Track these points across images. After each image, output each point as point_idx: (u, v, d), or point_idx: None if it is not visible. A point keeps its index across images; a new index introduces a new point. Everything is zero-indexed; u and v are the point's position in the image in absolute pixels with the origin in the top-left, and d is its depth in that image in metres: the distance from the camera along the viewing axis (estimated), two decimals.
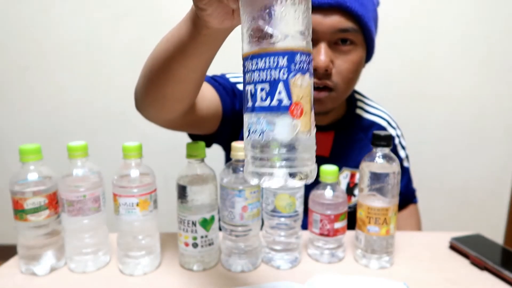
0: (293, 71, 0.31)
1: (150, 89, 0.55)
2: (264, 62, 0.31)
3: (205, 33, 0.43)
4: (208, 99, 0.67)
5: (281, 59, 0.30)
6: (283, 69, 0.30)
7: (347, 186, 0.79)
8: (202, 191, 0.54)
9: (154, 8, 1.46)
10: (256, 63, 0.31)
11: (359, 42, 0.68)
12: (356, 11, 0.64)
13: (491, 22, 1.48)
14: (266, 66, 0.31)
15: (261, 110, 0.31)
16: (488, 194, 1.66)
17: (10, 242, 1.62)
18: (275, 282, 0.53)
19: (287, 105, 0.31)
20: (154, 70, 0.52)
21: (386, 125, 0.83)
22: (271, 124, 0.31)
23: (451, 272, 0.57)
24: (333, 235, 0.58)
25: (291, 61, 0.30)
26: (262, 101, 0.31)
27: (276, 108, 0.31)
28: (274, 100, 0.31)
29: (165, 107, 0.57)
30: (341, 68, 0.67)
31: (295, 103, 0.31)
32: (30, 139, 1.58)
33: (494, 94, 1.55)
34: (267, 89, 0.31)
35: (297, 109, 0.31)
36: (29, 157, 0.52)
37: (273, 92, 0.31)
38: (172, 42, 0.48)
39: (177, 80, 0.51)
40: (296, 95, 0.31)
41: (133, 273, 0.55)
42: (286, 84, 0.30)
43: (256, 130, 0.32)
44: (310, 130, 0.32)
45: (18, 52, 1.52)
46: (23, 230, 0.53)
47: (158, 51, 0.51)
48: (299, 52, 0.31)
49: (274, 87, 0.31)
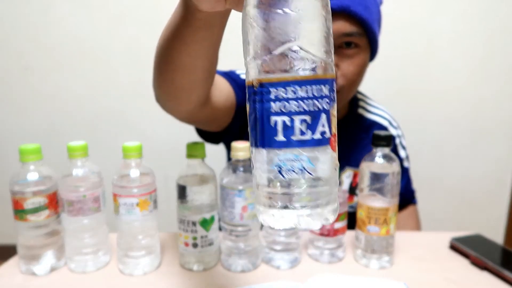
0: (333, 100, 0.28)
1: (160, 81, 0.54)
2: (307, 91, 0.27)
3: (199, 17, 0.41)
4: (224, 93, 0.67)
5: (323, 88, 0.27)
6: (326, 99, 0.28)
7: (350, 185, 0.79)
8: (202, 191, 0.54)
9: (154, 8, 1.46)
10: (294, 91, 0.27)
11: (363, 45, 0.68)
12: (361, 15, 0.64)
13: (491, 21, 1.48)
14: (308, 95, 0.27)
15: (300, 144, 0.28)
16: (488, 194, 1.66)
17: (10, 242, 1.62)
18: (275, 282, 0.53)
19: (329, 138, 0.28)
20: (160, 61, 0.52)
21: (388, 124, 0.83)
22: (314, 160, 0.28)
23: (451, 272, 0.57)
24: (333, 235, 0.58)
25: (331, 90, 0.28)
26: (301, 135, 0.28)
27: (319, 142, 0.28)
28: (317, 134, 0.28)
29: (179, 98, 0.56)
30: (346, 71, 0.67)
31: (333, 135, 0.28)
32: (30, 139, 1.58)
33: (494, 94, 1.55)
34: (308, 121, 0.27)
35: (335, 141, 0.29)
36: (29, 157, 0.52)
37: (316, 124, 0.28)
38: (170, 29, 0.47)
39: (183, 69, 0.50)
40: (334, 126, 0.28)
41: (133, 273, 0.55)
42: (328, 115, 0.28)
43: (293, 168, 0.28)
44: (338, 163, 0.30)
45: (18, 52, 1.52)
46: (23, 230, 0.53)
47: (160, 42, 0.50)
48: (333, 80, 0.28)
49: (317, 118, 0.27)
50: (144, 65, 1.50)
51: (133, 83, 1.53)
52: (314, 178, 0.28)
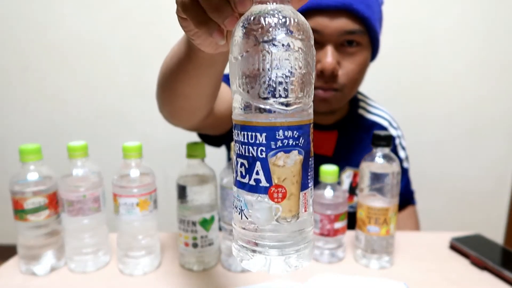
0: (274, 149, 0.26)
1: (163, 103, 0.56)
2: (244, 135, 0.27)
3: (202, 56, 0.42)
4: (227, 100, 0.67)
5: (258, 136, 0.26)
6: (261, 147, 0.26)
7: (350, 185, 0.79)
8: (202, 191, 0.54)
9: (154, 8, 1.46)
10: (237, 134, 0.28)
11: (365, 43, 0.68)
12: (363, 13, 0.64)
13: (491, 21, 1.48)
14: (244, 141, 0.27)
15: (241, 186, 0.28)
16: (488, 194, 1.66)
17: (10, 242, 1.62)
18: (275, 282, 0.53)
19: (266, 187, 0.27)
20: (163, 86, 0.53)
21: (388, 125, 0.83)
22: (249, 205, 0.27)
23: (451, 272, 0.57)
24: (333, 235, 0.58)
25: (270, 139, 0.26)
26: (241, 177, 0.28)
27: (253, 189, 0.27)
28: (252, 180, 0.27)
29: (182, 118, 0.58)
30: (347, 70, 0.68)
31: (275, 186, 0.26)
32: (30, 139, 1.57)
33: (494, 93, 1.55)
34: (246, 166, 0.27)
35: (278, 192, 0.27)
36: (29, 157, 0.52)
37: (251, 170, 0.27)
38: (173, 61, 0.47)
39: (185, 97, 0.51)
40: (277, 177, 0.26)
41: (133, 273, 0.55)
42: (264, 164, 0.26)
43: (236, 206, 0.29)
44: (296, 214, 0.27)
45: (18, 52, 1.52)
46: (23, 230, 0.53)
47: (164, 68, 0.51)
48: (281, 128, 0.26)
49: (252, 165, 0.27)
50: (144, 65, 1.50)
51: (133, 83, 1.53)
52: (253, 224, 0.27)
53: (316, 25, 0.64)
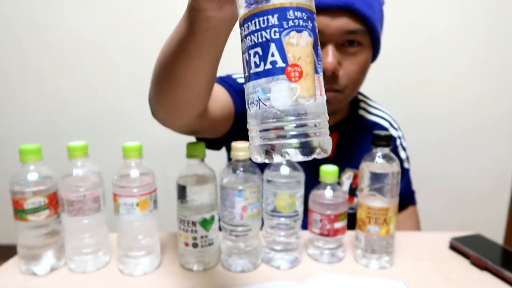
0: (286, 28, 0.27)
1: (160, 96, 0.53)
2: (255, 23, 0.28)
3: (205, 27, 0.41)
4: (221, 102, 0.67)
5: (270, 18, 0.27)
6: (274, 28, 0.27)
7: (350, 187, 0.79)
8: (202, 191, 0.54)
9: (154, 8, 1.46)
10: (248, 26, 0.28)
11: (366, 43, 0.68)
12: (364, 13, 0.63)
13: (491, 21, 1.48)
14: (256, 28, 0.28)
15: (256, 76, 0.28)
16: (488, 194, 1.66)
17: (10, 242, 1.62)
18: (275, 282, 0.53)
19: (282, 67, 0.27)
20: (160, 77, 0.51)
21: (388, 126, 0.83)
22: (267, 90, 0.28)
23: (451, 272, 0.57)
24: (333, 235, 0.58)
25: (282, 19, 0.27)
26: (256, 67, 0.28)
27: (270, 72, 0.27)
28: (268, 64, 0.28)
29: (178, 113, 0.55)
30: (348, 70, 0.67)
31: (291, 65, 0.27)
32: (30, 139, 1.58)
33: (494, 93, 1.55)
34: (260, 53, 0.28)
35: (295, 71, 0.27)
36: (29, 157, 0.52)
37: (266, 55, 0.28)
38: (173, 45, 0.46)
39: (185, 85, 0.50)
40: (292, 56, 0.27)
41: (133, 273, 0.55)
42: (279, 44, 0.27)
43: (253, 99, 0.29)
44: (314, 94, 0.28)
45: (18, 52, 1.52)
46: (23, 230, 0.53)
47: (162, 57, 0.50)
48: (291, 8, 0.27)
49: (266, 48, 0.27)
50: (144, 65, 1.50)
51: (133, 83, 1.53)
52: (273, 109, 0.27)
53: (317, 24, 0.64)
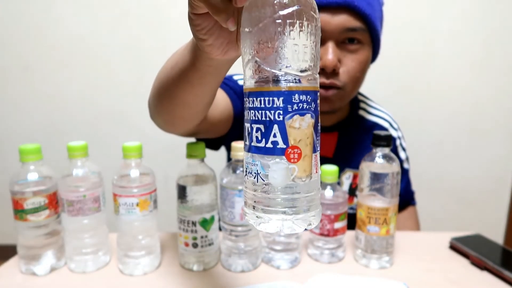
0: (290, 112, 0.28)
1: (160, 111, 0.54)
2: (260, 101, 0.29)
3: (208, 64, 0.41)
4: (221, 105, 0.67)
5: (276, 100, 0.28)
6: (279, 110, 0.28)
7: (350, 187, 0.79)
8: (202, 191, 0.54)
9: (154, 8, 1.46)
10: (253, 101, 0.29)
11: (366, 41, 0.68)
12: (364, 11, 0.64)
13: (490, 21, 1.48)
14: (261, 106, 0.29)
15: (256, 151, 0.29)
16: (488, 194, 1.66)
17: (10, 242, 1.62)
18: (275, 282, 0.53)
19: (282, 149, 0.28)
20: (161, 94, 0.51)
21: (388, 126, 0.83)
22: (266, 167, 0.29)
23: (451, 272, 0.57)
24: (333, 235, 0.58)
25: (287, 102, 0.28)
26: (257, 142, 0.29)
27: (271, 151, 0.29)
28: (269, 143, 0.29)
29: (176, 125, 0.56)
30: (348, 67, 0.68)
31: (291, 147, 0.29)
32: (30, 139, 1.58)
33: (494, 93, 1.55)
34: (262, 130, 0.29)
35: (294, 153, 0.29)
36: (29, 157, 0.52)
37: (268, 134, 0.29)
38: (176, 71, 0.46)
39: (186, 106, 0.50)
40: (293, 138, 0.29)
41: (133, 273, 0.55)
42: (281, 126, 0.28)
43: (251, 171, 0.30)
44: (310, 174, 0.30)
45: (18, 52, 1.52)
46: (23, 230, 0.53)
47: (164, 77, 0.50)
48: (297, 92, 0.28)
49: (269, 128, 0.29)
50: (144, 65, 1.50)
51: (133, 83, 1.53)
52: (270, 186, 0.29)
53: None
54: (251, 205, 0.31)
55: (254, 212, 0.30)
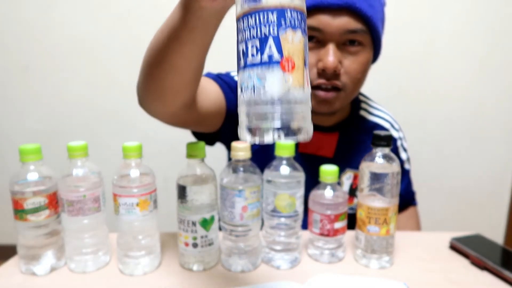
0: (283, 26, 0.31)
1: (149, 82, 0.55)
2: (255, 19, 0.31)
3: (198, 15, 0.43)
4: (212, 97, 0.67)
5: (271, 15, 0.31)
6: (273, 24, 0.31)
7: (350, 187, 0.79)
8: (202, 191, 0.54)
9: (154, 8, 1.46)
10: (247, 21, 0.32)
11: (367, 43, 0.68)
12: (365, 12, 0.63)
13: (491, 21, 1.48)
14: (256, 23, 0.31)
15: (252, 66, 0.32)
16: (488, 194, 1.66)
17: (10, 242, 1.62)
18: (275, 282, 0.53)
19: (278, 60, 0.31)
20: (151, 62, 0.52)
21: (389, 127, 0.83)
22: (262, 78, 0.31)
23: (451, 272, 0.57)
24: (333, 235, 0.58)
25: (281, 17, 0.31)
26: (253, 57, 0.32)
27: (267, 63, 0.31)
28: (265, 55, 0.31)
29: (165, 100, 0.56)
30: (349, 69, 0.67)
31: (286, 58, 0.31)
32: (30, 139, 1.58)
33: (494, 94, 1.55)
34: (257, 45, 0.31)
35: (288, 64, 0.31)
36: (29, 157, 0.52)
37: (264, 47, 0.31)
38: (166, 31, 0.48)
39: (175, 70, 0.51)
40: (287, 50, 0.31)
41: (133, 273, 0.55)
42: (276, 39, 0.31)
43: (247, 86, 0.32)
44: (303, 86, 0.32)
45: (18, 52, 1.52)
46: (23, 230, 0.53)
47: (154, 43, 0.51)
48: (289, 9, 0.31)
49: (264, 42, 0.31)
50: None
51: (133, 83, 1.51)
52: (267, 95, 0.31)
53: (318, 23, 0.64)
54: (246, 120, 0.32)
55: (248, 125, 0.32)
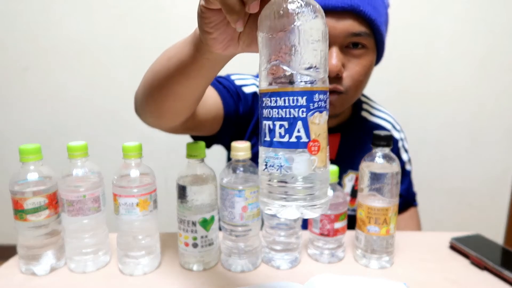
0: (312, 110, 0.32)
1: (149, 103, 0.55)
2: (284, 100, 0.32)
3: (207, 57, 0.43)
4: (209, 104, 0.67)
5: (300, 99, 0.32)
6: (302, 108, 0.32)
7: (352, 188, 0.79)
8: (202, 191, 0.54)
9: (154, 8, 1.46)
10: (275, 101, 0.32)
11: (370, 46, 0.67)
12: (369, 15, 0.63)
13: (491, 22, 1.48)
14: (285, 105, 0.32)
15: (280, 146, 0.33)
16: (488, 194, 1.66)
17: (10, 242, 1.62)
18: (275, 282, 0.53)
19: (305, 142, 0.32)
20: (154, 86, 0.52)
21: (391, 128, 0.83)
22: (290, 160, 0.32)
23: (451, 272, 0.57)
24: (333, 235, 0.58)
25: (309, 101, 0.32)
26: (280, 137, 0.32)
27: (294, 145, 0.32)
28: (293, 137, 0.32)
29: (163, 119, 0.57)
30: (352, 72, 0.67)
31: (313, 140, 0.32)
32: (30, 139, 1.58)
33: (494, 94, 1.55)
34: (286, 126, 0.32)
35: (315, 146, 0.32)
36: (29, 157, 0.52)
37: (292, 129, 0.32)
38: (173, 62, 0.47)
39: (177, 98, 0.51)
40: (314, 133, 0.32)
41: (133, 273, 0.55)
42: (305, 123, 0.32)
43: (273, 164, 0.33)
44: (326, 165, 0.33)
45: (18, 52, 1.52)
46: (23, 230, 0.53)
47: (159, 68, 0.51)
48: (317, 92, 0.32)
49: (293, 125, 0.32)
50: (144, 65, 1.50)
51: (133, 83, 1.52)
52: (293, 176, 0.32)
53: None
54: (271, 196, 0.33)
55: (274, 201, 0.33)
